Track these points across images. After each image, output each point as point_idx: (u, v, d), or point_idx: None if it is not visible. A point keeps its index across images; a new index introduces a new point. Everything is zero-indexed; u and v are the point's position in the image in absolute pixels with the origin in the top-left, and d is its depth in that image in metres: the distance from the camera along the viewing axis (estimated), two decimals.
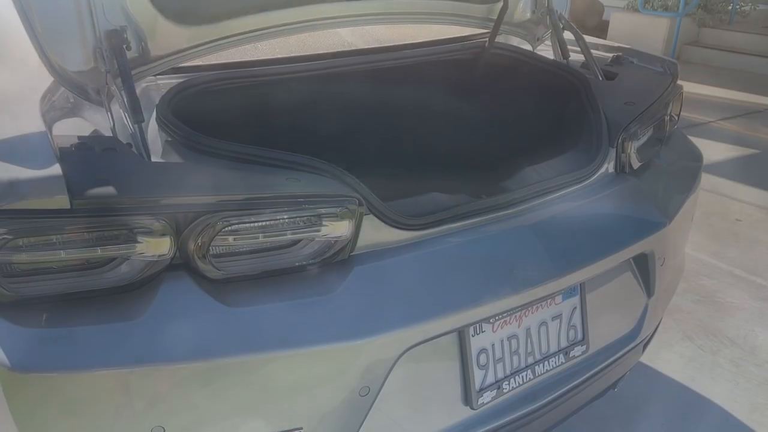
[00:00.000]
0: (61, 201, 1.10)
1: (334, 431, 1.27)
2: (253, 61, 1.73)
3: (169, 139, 1.35)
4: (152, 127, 1.43)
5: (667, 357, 2.76)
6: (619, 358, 1.73)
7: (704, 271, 3.38)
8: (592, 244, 1.57)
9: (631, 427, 2.38)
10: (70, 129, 1.34)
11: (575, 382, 1.62)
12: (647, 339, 1.91)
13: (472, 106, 2.15)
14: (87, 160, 1.17)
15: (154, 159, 1.33)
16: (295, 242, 1.26)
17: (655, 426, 2.39)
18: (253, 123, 1.74)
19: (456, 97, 2.18)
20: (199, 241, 1.18)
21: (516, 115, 2.01)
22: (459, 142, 2.12)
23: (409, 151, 2.09)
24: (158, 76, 1.60)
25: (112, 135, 1.33)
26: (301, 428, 1.24)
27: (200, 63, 1.63)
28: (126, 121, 1.30)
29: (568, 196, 1.60)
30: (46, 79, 1.40)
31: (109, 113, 1.36)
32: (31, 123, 1.25)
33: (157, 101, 1.47)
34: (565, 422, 1.86)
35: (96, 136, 1.29)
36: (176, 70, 1.58)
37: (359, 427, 1.30)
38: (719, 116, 5.83)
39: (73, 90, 1.37)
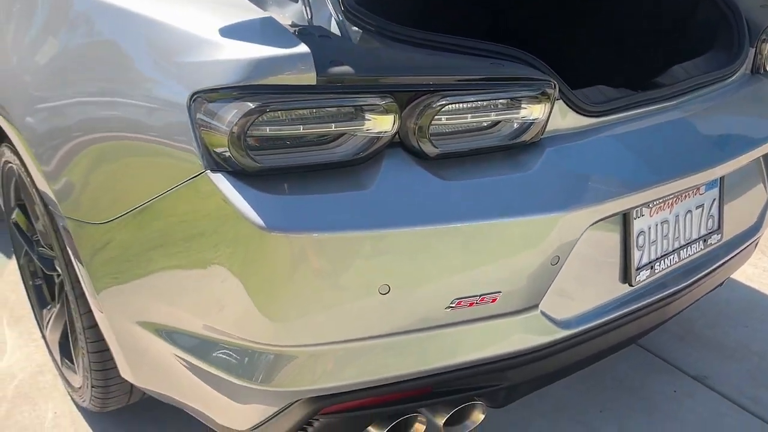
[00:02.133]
0: (309, 78, 1.21)
1: (524, 297, 1.41)
2: None
3: (361, 30, 1.44)
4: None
5: (743, 268, 2.90)
6: (743, 249, 1.87)
7: None
8: (734, 140, 1.68)
9: (717, 327, 2.54)
10: None
11: (709, 269, 1.75)
12: (759, 238, 2.04)
13: (615, 9, 2.23)
14: (316, 42, 1.27)
15: None
16: (496, 123, 1.38)
17: (739, 327, 2.55)
18: (424, 17, 1.83)
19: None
20: (420, 119, 1.29)
21: (654, 19, 2.10)
22: (606, 43, 2.21)
23: (567, 49, 2.18)
24: None
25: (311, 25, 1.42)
26: (500, 292, 1.37)
27: None
28: (332, 11, 1.39)
29: (713, 94, 1.71)
30: None
31: (306, 7, 1.44)
32: (250, 11, 1.34)
33: None
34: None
35: (308, 25, 1.38)
36: None
37: (544, 294, 1.44)
38: None
39: None
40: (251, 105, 1.20)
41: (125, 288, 1.51)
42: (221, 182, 1.23)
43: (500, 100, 1.35)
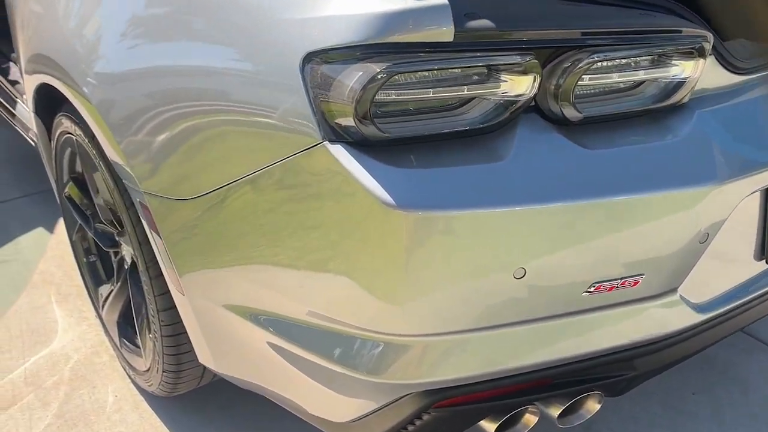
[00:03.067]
0: (445, 33, 1.05)
1: (667, 279, 1.27)
2: None
3: None
4: None
5: None
6: None
7: None
8: None
9: None
10: None
11: None
12: None
13: None
14: None
15: None
16: (640, 83, 1.22)
17: None
18: None
19: None
20: (564, 79, 1.13)
21: None
22: None
23: None
24: None
25: None
26: (643, 274, 1.23)
27: None
28: None
29: None
30: None
31: None
32: None
33: None
34: None
35: None
36: None
37: (686, 276, 1.29)
38: None
39: None
40: (378, 66, 1.04)
41: (215, 269, 1.38)
42: (341, 154, 1.09)
43: (651, 57, 1.19)
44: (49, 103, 1.89)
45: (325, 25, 1.08)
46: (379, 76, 1.04)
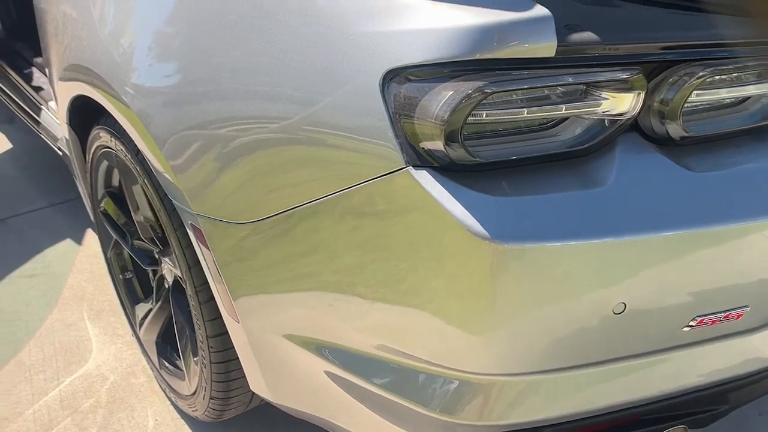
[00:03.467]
0: (545, 49, 0.95)
1: None
2: None
3: None
4: None
5: None
6: None
7: None
8: None
9: None
10: None
11: None
12: None
13: None
14: (542, 2, 1.01)
15: None
16: (744, 100, 1.12)
17: None
18: None
19: None
20: (673, 94, 1.03)
21: None
22: None
23: None
24: None
25: None
26: (747, 306, 1.13)
27: None
28: None
29: None
30: None
31: None
32: None
33: None
34: None
35: None
36: None
37: None
38: None
39: None
40: (471, 86, 0.95)
41: (274, 297, 1.29)
42: (427, 180, 0.99)
43: (760, 70, 1.08)
44: (83, 115, 1.81)
45: (410, 39, 0.98)
46: (472, 96, 0.94)
